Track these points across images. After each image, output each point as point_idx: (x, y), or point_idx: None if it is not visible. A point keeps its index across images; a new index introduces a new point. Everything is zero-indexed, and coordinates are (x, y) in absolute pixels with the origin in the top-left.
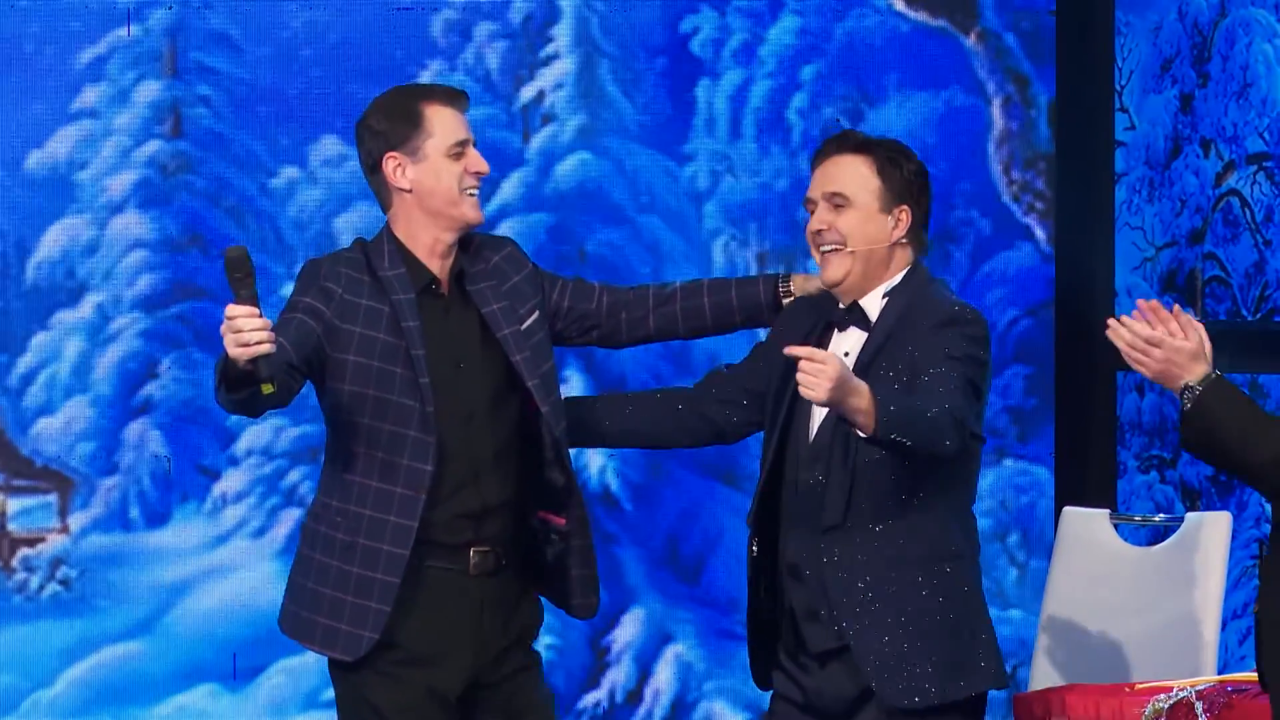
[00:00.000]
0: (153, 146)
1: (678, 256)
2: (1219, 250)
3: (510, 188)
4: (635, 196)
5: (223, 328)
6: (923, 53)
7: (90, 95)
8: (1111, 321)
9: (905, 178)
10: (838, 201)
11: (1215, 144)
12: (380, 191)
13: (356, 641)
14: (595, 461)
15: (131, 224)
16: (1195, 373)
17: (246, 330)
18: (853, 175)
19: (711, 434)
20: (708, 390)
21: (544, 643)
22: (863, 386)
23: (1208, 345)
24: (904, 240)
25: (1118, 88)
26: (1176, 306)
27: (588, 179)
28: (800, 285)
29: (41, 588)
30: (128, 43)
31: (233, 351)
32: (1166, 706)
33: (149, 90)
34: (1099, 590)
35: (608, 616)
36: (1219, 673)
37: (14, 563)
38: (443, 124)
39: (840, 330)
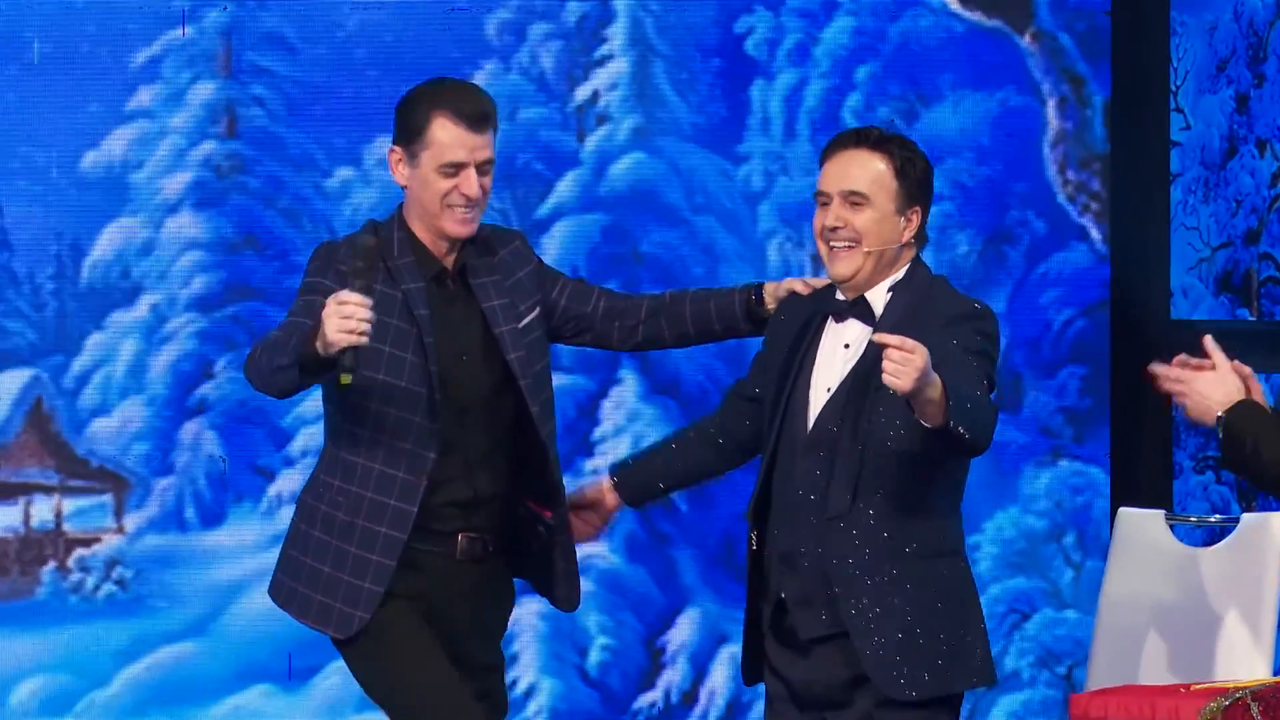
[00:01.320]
0: (208, 147)
1: (732, 257)
2: (1275, 250)
3: (565, 188)
4: (690, 197)
5: (328, 310)
6: (977, 53)
7: (145, 96)
8: (1154, 368)
9: (919, 179)
10: (855, 200)
11: (1271, 144)
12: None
13: (349, 620)
14: None
15: (186, 224)
16: (1223, 400)
17: (356, 317)
18: (872, 174)
19: (746, 453)
20: (730, 413)
21: (599, 643)
22: (938, 378)
23: (1243, 373)
24: (912, 239)
25: (1173, 88)
26: (1207, 339)
27: (642, 179)
28: (771, 294)
29: (97, 588)
30: (183, 43)
31: (333, 336)
32: (1222, 707)
33: (204, 91)
34: (1154, 591)
35: (663, 617)
36: (1275, 673)
37: (70, 563)
38: (443, 140)
39: (838, 321)
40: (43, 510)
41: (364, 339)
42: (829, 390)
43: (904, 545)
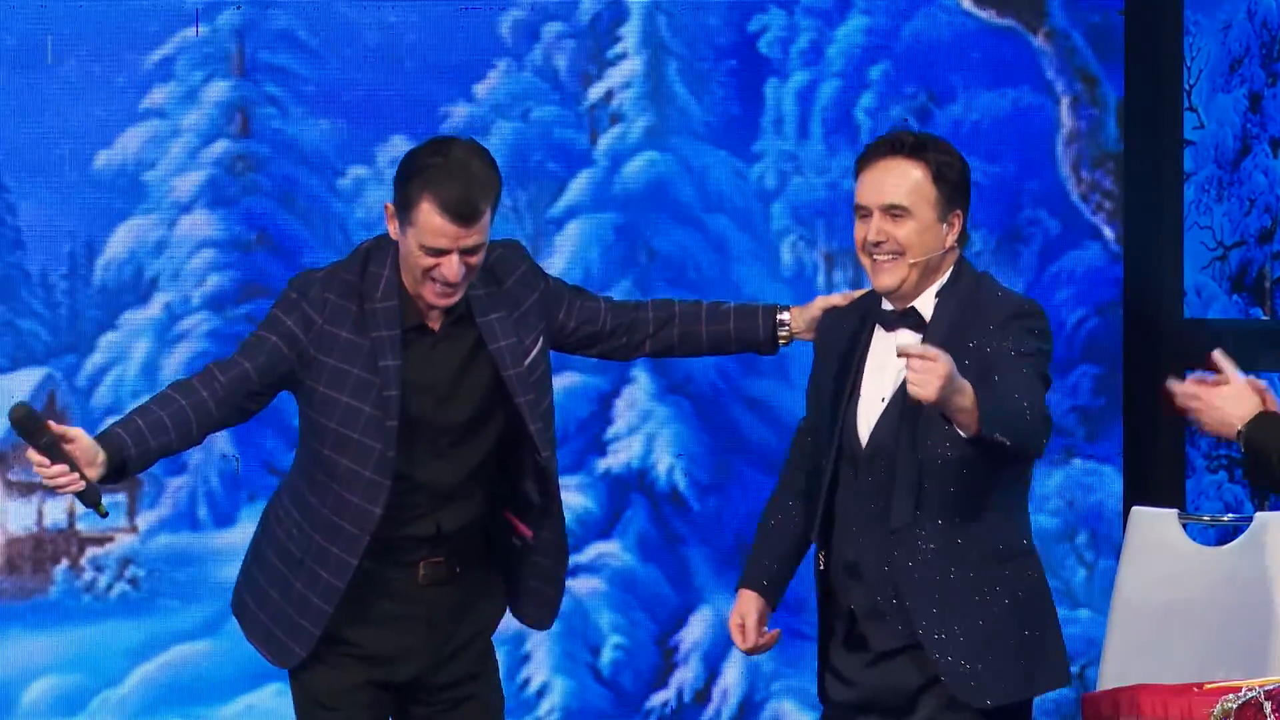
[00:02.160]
0: (221, 146)
1: (745, 256)
2: None
3: (578, 187)
4: (703, 196)
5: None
6: (991, 52)
7: (158, 95)
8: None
9: (957, 181)
10: (896, 213)
11: None
12: None
13: (288, 653)
14: (663, 461)
15: (200, 224)
16: (1242, 415)
17: (45, 480)
18: (910, 185)
19: None
20: (803, 461)
21: (611, 642)
22: (967, 385)
23: (1258, 387)
24: (955, 242)
25: (1186, 87)
26: (1216, 353)
27: (655, 179)
28: (800, 320)
29: (110, 587)
30: (196, 42)
31: (51, 490)
32: (1235, 706)
33: (217, 90)
34: (1167, 590)
35: (676, 616)
36: None
37: (83, 562)
38: (425, 226)
39: (888, 329)
40: (55, 509)
41: (73, 489)
42: (883, 400)
43: (970, 552)
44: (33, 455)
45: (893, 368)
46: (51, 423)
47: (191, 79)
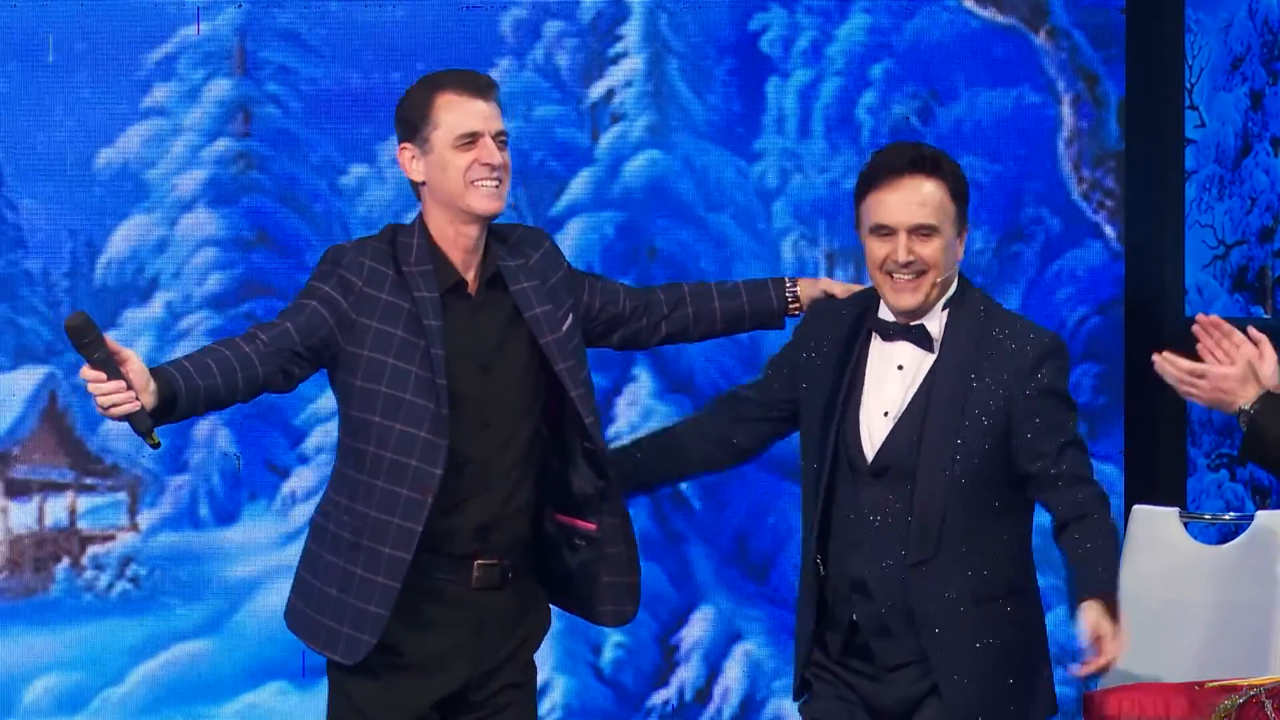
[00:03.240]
0: (222, 145)
1: (747, 255)
2: None
3: (579, 186)
4: (705, 195)
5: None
6: (992, 50)
7: (160, 93)
8: (1156, 358)
9: (966, 196)
10: (925, 233)
11: None
12: (410, 184)
13: (356, 645)
14: None
15: (201, 222)
16: (1247, 395)
17: (100, 396)
18: (936, 203)
19: (734, 456)
20: (727, 414)
21: (612, 641)
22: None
23: (1266, 365)
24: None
25: (1188, 85)
26: (1226, 325)
27: (657, 177)
28: (807, 292)
29: (111, 586)
30: (197, 41)
31: (101, 413)
32: (1236, 705)
33: (218, 88)
34: (1169, 588)
35: (677, 614)
36: None
37: (84, 560)
38: (450, 114)
39: (886, 339)
40: (57, 508)
41: (126, 408)
42: (886, 414)
43: (985, 586)
44: (87, 372)
45: (895, 381)
46: (109, 337)
47: (193, 77)
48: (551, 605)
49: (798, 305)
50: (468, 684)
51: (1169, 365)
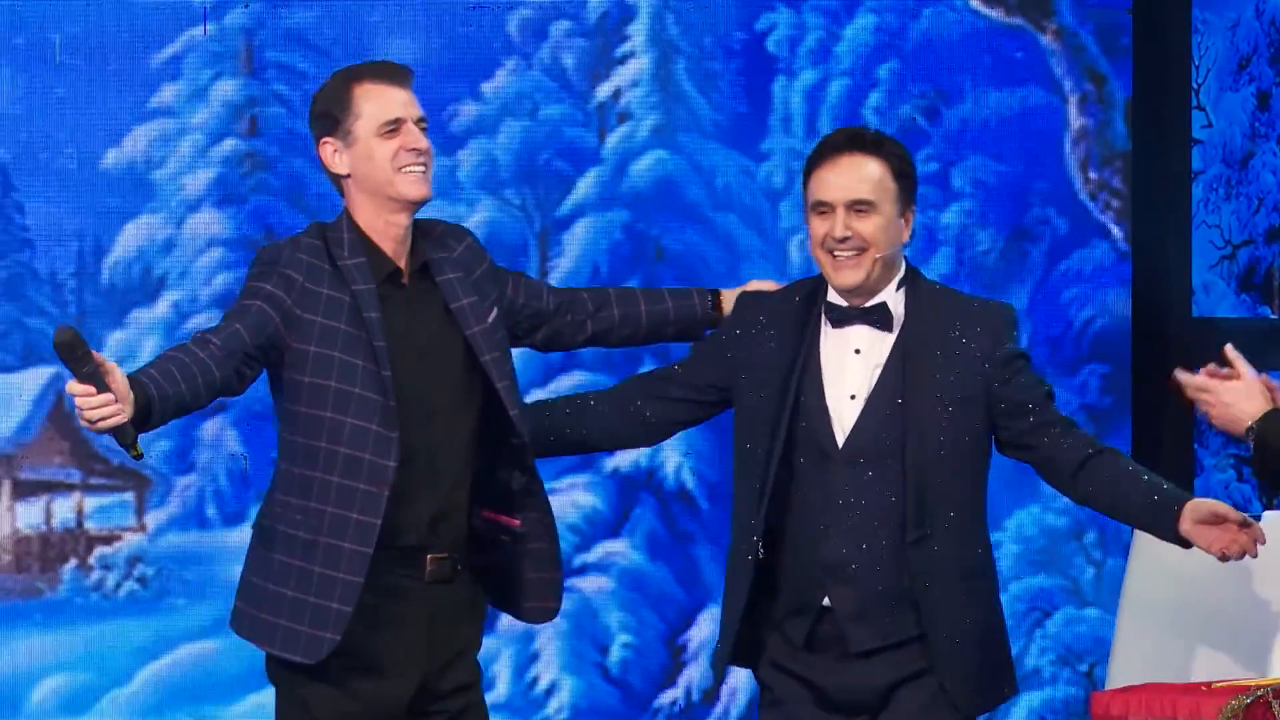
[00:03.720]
0: (229, 145)
1: (754, 255)
2: None
3: (586, 186)
4: (711, 195)
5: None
6: (999, 50)
7: (167, 94)
8: (1175, 376)
9: (912, 176)
10: (861, 208)
11: None
12: (331, 179)
13: (318, 644)
14: (671, 459)
15: (208, 222)
16: (1253, 410)
17: (88, 411)
18: (874, 180)
19: (642, 432)
20: (644, 388)
21: (620, 641)
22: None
23: (1269, 385)
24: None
25: (1195, 85)
26: (1229, 348)
27: (663, 177)
28: (729, 303)
29: (118, 586)
30: (204, 41)
31: (88, 427)
32: (1243, 705)
33: (225, 89)
34: (1176, 589)
35: (684, 615)
36: None
37: (91, 561)
38: (372, 103)
39: (837, 326)
40: (64, 508)
41: (113, 421)
42: (853, 398)
43: (970, 562)
44: (74, 386)
45: (855, 365)
46: (94, 351)
47: (200, 78)
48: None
49: (720, 315)
50: (422, 685)
51: (1183, 381)
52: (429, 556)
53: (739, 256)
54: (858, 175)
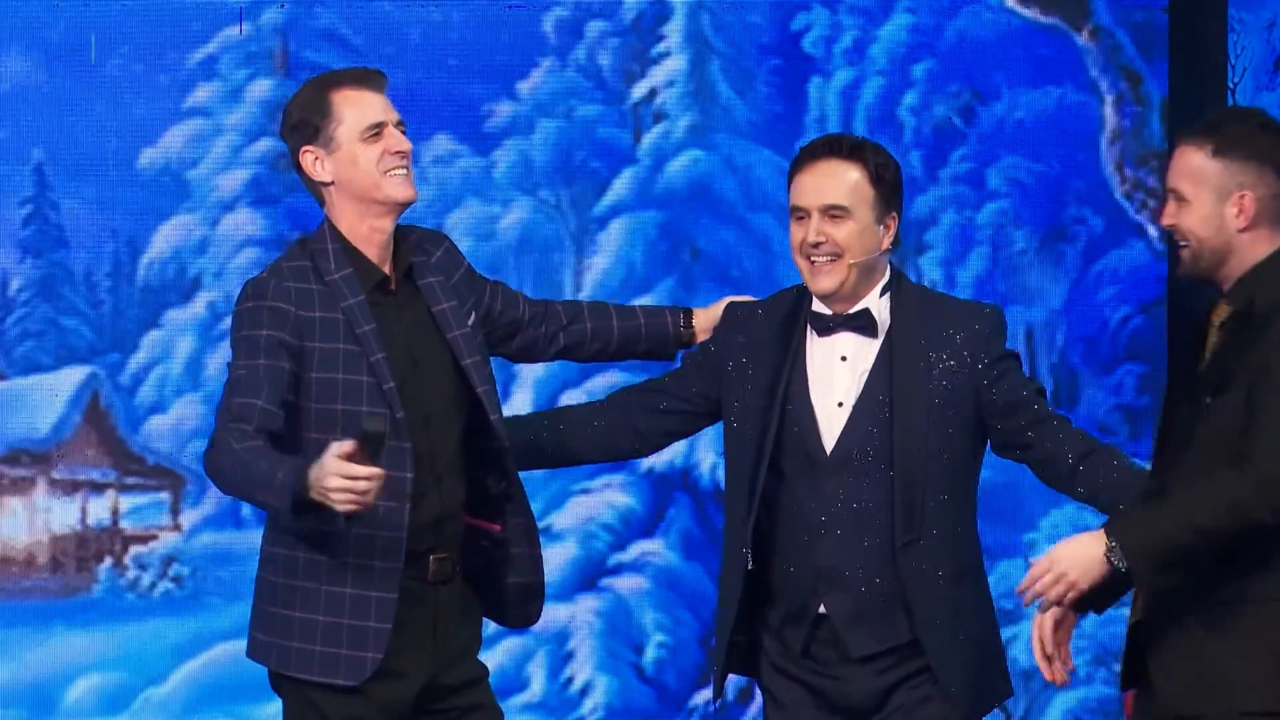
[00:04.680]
0: (264, 144)
1: (788, 254)
2: None
3: (622, 185)
4: (746, 195)
5: (334, 480)
6: (1035, 50)
7: (202, 94)
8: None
9: (893, 183)
10: (835, 213)
11: None
12: (310, 188)
13: (360, 664)
14: (706, 459)
15: (243, 222)
16: (1097, 553)
17: (371, 495)
18: (849, 186)
19: (633, 445)
20: (635, 401)
21: (655, 640)
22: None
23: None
24: (891, 245)
25: (1231, 85)
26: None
27: (699, 177)
28: (703, 322)
29: (154, 585)
30: (239, 41)
31: (340, 507)
32: None
33: (260, 88)
34: None
35: None
36: None
37: (126, 560)
38: (352, 108)
39: (822, 335)
40: (99, 508)
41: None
42: (840, 405)
43: (961, 564)
44: (361, 470)
45: (842, 372)
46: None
47: (235, 77)
48: None
49: (693, 335)
50: (428, 684)
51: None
52: (432, 557)
53: (773, 256)
54: (832, 181)
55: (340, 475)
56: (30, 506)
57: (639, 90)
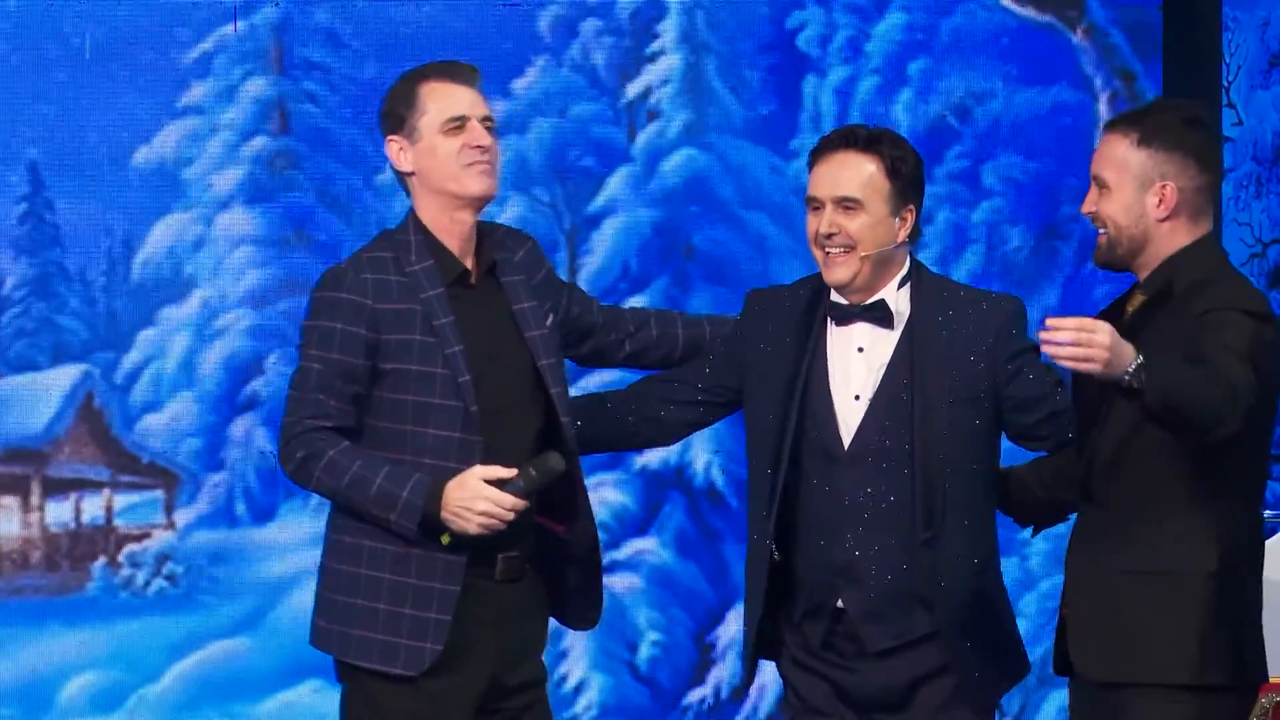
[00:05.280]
0: (259, 143)
1: (784, 253)
2: None
3: (616, 183)
4: (741, 193)
5: (487, 506)
6: (1030, 48)
7: (197, 92)
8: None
9: (911, 176)
10: (848, 205)
11: None
12: (398, 179)
13: (418, 655)
14: (700, 457)
15: (238, 220)
16: (1129, 354)
17: (501, 519)
18: (864, 178)
19: (656, 433)
20: (660, 391)
21: (649, 639)
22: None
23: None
24: (907, 238)
25: (1225, 83)
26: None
27: (694, 175)
28: None
29: (148, 584)
30: (234, 39)
31: (475, 530)
32: (1273, 703)
33: (255, 87)
34: None
35: (713, 613)
36: None
37: (120, 559)
38: (436, 100)
39: (840, 324)
40: (94, 506)
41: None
42: (857, 398)
43: (980, 556)
44: (509, 500)
45: (859, 364)
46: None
47: (230, 76)
48: None
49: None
50: (491, 683)
51: (1056, 334)
52: (500, 556)
53: (768, 255)
54: (846, 173)
55: (491, 501)
56: (24, 505)
57: (633, 88)
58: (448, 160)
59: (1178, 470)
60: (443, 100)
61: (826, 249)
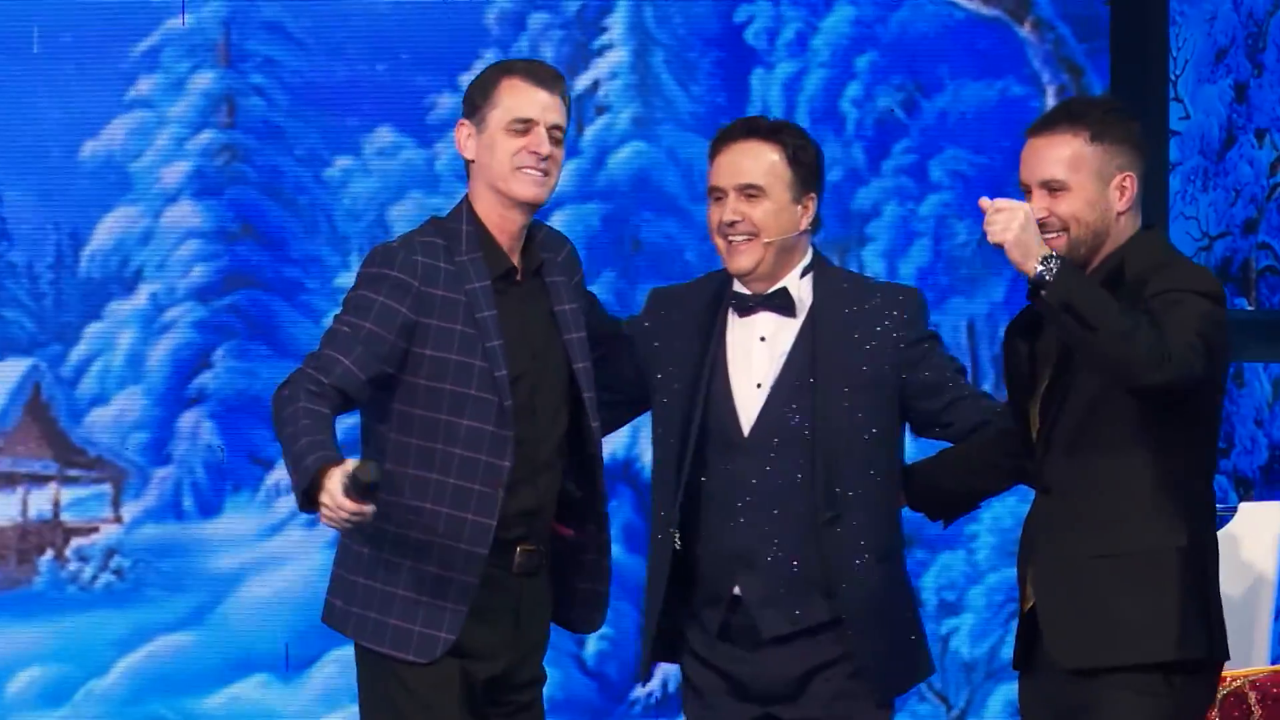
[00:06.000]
0: (207, 136)
1: None
2: (1273, 240)
3: (564, 177)
4: (689, 186)
5: (327, 499)
6: (977, 43)
7: (144, 85)
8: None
9: (812, 165)
10: (751, 193)
11: (1270, 134)
12: (464, 162)
13: (432, 643)
14: (649, 451)
15: (185, 214)
16: (1044, 250)
17: (342, 526)
18: (766, 165)
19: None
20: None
21: (596, 634)
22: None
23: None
24: (809, 226)
25: (1172, 77)
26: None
27: (642, 169)
28: None
29: (95, 578)
30: (182, 33)
31: (323, 522)
32: (1220, 696)
33: (203, 80)
34: None
35: None
36: (1272, 662)
37: (67, 553)
38: (511, 98)
39: (744, 314)
40: (40, 500)
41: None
42: (759, 386)
43: (882, 545)
44: (349, 506)
45: (761, 352)
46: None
47: (178, 69)
48: None
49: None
50: (503, 672)
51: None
52: (519, 548)
53: (715, 248)
54: (749, 161)
55: (332, 498)
56: None
57: (582, 82)
58: (504, 159)
59: (1139, 451)
60: (517, 98)
61: (729, 237)
